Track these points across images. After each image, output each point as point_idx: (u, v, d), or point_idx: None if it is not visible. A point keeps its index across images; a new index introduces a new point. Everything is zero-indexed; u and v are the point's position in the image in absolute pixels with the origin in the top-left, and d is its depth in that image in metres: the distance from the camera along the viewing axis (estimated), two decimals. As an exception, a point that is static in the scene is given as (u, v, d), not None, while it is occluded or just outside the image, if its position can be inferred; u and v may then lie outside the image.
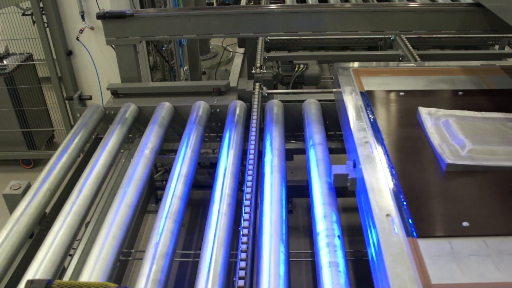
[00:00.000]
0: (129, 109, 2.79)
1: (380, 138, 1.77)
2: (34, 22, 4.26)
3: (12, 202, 2.12)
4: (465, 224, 1.34)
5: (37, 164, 4.81)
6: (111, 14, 3.01)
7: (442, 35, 3.72)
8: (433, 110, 1.93)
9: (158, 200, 3.96)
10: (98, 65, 4.56)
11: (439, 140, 1.73)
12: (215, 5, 7.44)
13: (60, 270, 1.76)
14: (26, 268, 1.68)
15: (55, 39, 4.40)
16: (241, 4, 5.10)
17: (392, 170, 1.58)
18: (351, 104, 2.06)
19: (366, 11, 3.02)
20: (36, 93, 4.70)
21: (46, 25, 4.29)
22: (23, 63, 4.52)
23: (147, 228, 3.76)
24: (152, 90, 3.07)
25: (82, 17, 4.35)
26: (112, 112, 2.89)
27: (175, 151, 2.47)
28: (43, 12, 4.24)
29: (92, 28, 4.41)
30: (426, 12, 2.99)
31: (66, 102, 4.67)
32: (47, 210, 2.15)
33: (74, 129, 2.59)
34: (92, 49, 4.52)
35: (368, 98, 2.09)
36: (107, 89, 3.08)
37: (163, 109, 2.75)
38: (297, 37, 3.88)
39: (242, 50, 6.42)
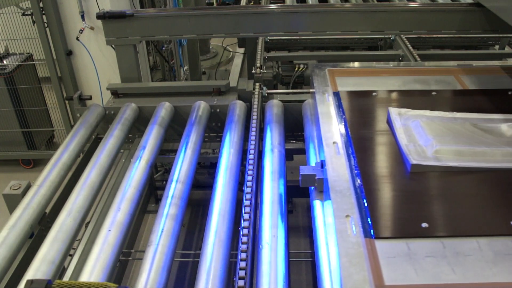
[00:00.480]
0: (129, 109, 2.79)
1: (348, 139, 1.79)
2: (34, 22, 4.26)
3: (12, 202, 2.12)
4: (424, 225, 1.34)
5: (37, 164, 4.81)
6: (111, 14, 3.01)
7: (442, 35, 3.72)
8: (403, 110, 1.93)
9: (158, 200, 3.96)
10: (98, 65, 4.56)
11: (407, 141, 1.73)
12: (215, 5, 7.44)
13: (60, 270, 1.76)
14: (26, 268, 1.67)
15: (55, 39, 4.40)
16: (241, 4, 5.10)
17: (357, 170, 1.59)
18: (322, 104, 2.06)
19: (366, 11, 3.02)
20: (36, 93, 4.70)
21: (46, 25, 4.29)
22: (23, 63, 4.52)
23: (147, 228, 3.76)
24: (152, 90, 3.07)
25: (82, 17, 4.35)
26: (112, 112, 2.89)
27: (175, 151, 2.47)
28: (43, 12, 4.24)
29: (92, 28, 4.41)
30: (426, 12, 2.99)
31: (66, 102, 4.68)
32: (47, 210, 2.14)
33: (74, 129, 2.59)
34: (92, 49, 4.52)
35: (340, 98, 2.09)
36: (107, 89, 3.08)
37: (163, 109, 2.75)
38: (297, 37, 3.87)
39: (242, 50, 6.42)
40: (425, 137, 1.73)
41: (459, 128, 1.79)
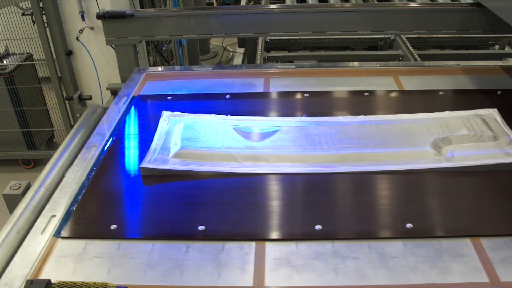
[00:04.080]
0: (129, 109, 2.79)
1: (108, 142, 1.83)
2: (34, 22, 4.26)
3: (12, 202, 2.12)
4: (113, 226, 1.39)
5: (37, 164, 4.80)
6: (111, 14, 3.01)
7: (442, 35, 3.72)
8: (177, 113, 1.95)
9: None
10: (98, 65, 4.56)
11: (156, 144, 1.75)
12: (215, 5, 7.44)
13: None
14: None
15: (55, 39, 4.40)
16: (241, 4, 5.10)
17: (92, 173, 1.64)
18: (113, 108, 2.09)
19: (366, 11, 3.01)
20: (36, 93, 4.69)
21: (46, 25, 4.29)
22: (23, 63, 4.52)
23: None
24: (152, 90, 3.07)
25: (82, 17, 4.35)
26: (112, 112, 2.89)
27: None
28: (43, 12, 4.24)
29: (92, 28, 4.41)
30: (426, 12, 2.99)
31: (66, 102, 4.68)
32: (47, 210, 2.14)
33: (74, 129, 2.58)
34: (92, 49, 4.52)
35: (137, 102, 2.13)
36: (107, 89, 3.08)
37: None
38: (297, 37, 3.87)
39: (242, 50, 6.42)
40: (175, 140, 1.75)
41: (221, 130, 1.81)
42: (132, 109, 2.06)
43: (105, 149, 1.78)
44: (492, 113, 1.88)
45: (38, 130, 4.74)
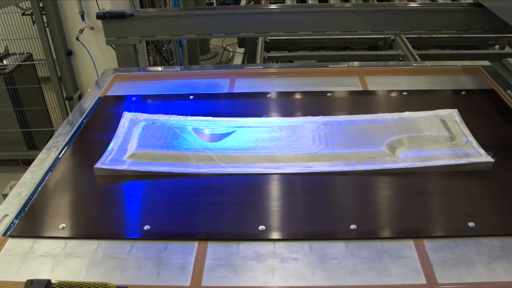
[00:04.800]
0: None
1: (69, 143, 1.83)
2: (34, 22, 4.26)
3: (12, 202, 2.12)
4: (62, 226, 1.40)
5: (37, 164, 4.79)
6: (111, 14, 3.01)
7: (442, 35, 3.72)
8: (138, 114, 1.94)
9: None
10: (98, 65, 4.56)
11: (114, 145, 1.75)
12: (215, 5, 7.44)
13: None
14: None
15: (55, 39, 4.40)
16: (241, 4, 5.10)
17: (49, 173, 1.65)
18: (78, 108, 2.09)
19: (366, 11, 3.02)
20: (36, 93, 4.69)
21: (46, 25, 4.29)
22: (23, 63, 4.52)
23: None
24: (152, 90, 3.07)
25: (82, 17, 4.35)
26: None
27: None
28: (43, 12, 4.24)
29: (92, 28, 4.42)
30: (426, 12, 2.99)
31: (66, 102, 4.68)
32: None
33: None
34: (92, 49, 4.52)
35: (102, 103, 2.13)
36: (107, 89, 3.08)
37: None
38: (297, 37, 3.87)
39: (242, 50, 6.42)
40: (133, 140, 1.76)
41: (175, 132, 1.81)
42: (96, 110, 2.07)
43: (64, 150, 1.79)
44: (452, 114, 1.87)
45: (38, 130, 4.74)
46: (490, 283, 1.18)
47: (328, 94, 2.14)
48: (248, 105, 2.08)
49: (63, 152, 1.78)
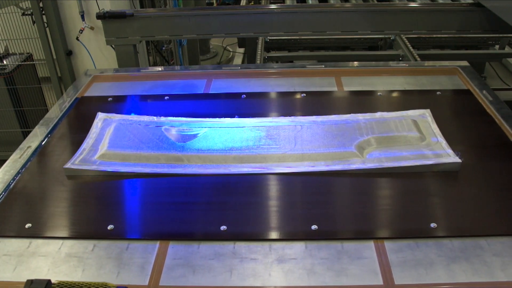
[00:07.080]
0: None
1: (42, 143, 1.84)
2: (34, 22, 4.26)
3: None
4: (28, 225, 1.41)
5: (37, 164, 4.79)
6: (111, 14, 3.01)
7: (442, 35, 3.72)
8: (112, 115, 1.95)
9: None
10: (98, 65, 4.56)
11: (86, 145, 1.76)
12: (215, 5, 7.44)
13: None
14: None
15: (55, 39, 4.40)
16: (241, 4, 5.10)
17: (20, 173, 1.65)
18: (54, 109, 2.10)
19: (366, 11, 3.02)
20: (36, 93, 4.69)
21: (46, 25, 4.29)
22: (23, 63, 4.51)
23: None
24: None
25: (82, 17, 4.35)
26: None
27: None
28: (43, 12, 4.24)
29: (92, 28, 4.42)
30: (426, 12, 3.00)
31: (66, 102, 4.66)
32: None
33: (74, 129, 2.59)
34: (92, 49, 4.52)
35: (78, 104, 2.13)
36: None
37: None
38: (297, 37, 3.88)
39: (242, 50, 6.42)
40: (104, 141, 1.76)
41: (147, 133, 1.81)
42: (72, 110, 2.08)
43: (37, 150, 1.79)
44: (424, 114, 1.86)
45: (38, 130, 4.74)
46: (447, 284, 1.18)
47: (302, 95, 2.13)
48: (222, 105, 2.08)
49: (36, 152, 1.78)
